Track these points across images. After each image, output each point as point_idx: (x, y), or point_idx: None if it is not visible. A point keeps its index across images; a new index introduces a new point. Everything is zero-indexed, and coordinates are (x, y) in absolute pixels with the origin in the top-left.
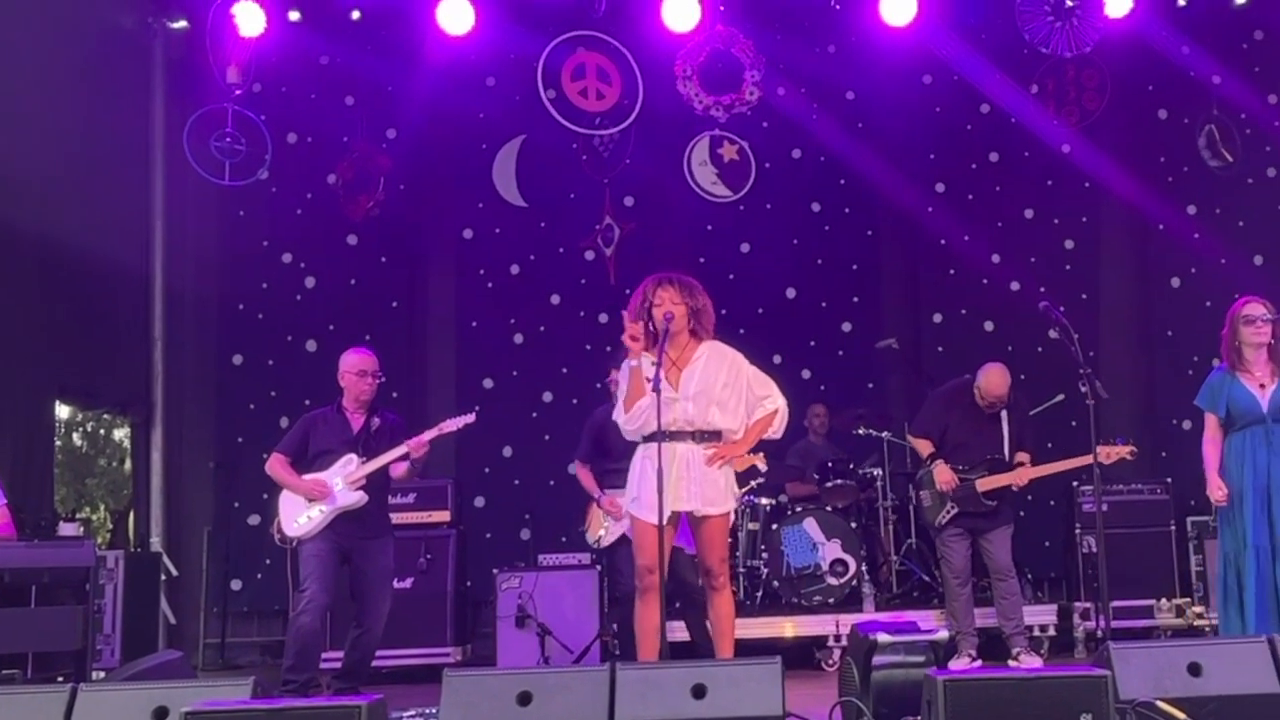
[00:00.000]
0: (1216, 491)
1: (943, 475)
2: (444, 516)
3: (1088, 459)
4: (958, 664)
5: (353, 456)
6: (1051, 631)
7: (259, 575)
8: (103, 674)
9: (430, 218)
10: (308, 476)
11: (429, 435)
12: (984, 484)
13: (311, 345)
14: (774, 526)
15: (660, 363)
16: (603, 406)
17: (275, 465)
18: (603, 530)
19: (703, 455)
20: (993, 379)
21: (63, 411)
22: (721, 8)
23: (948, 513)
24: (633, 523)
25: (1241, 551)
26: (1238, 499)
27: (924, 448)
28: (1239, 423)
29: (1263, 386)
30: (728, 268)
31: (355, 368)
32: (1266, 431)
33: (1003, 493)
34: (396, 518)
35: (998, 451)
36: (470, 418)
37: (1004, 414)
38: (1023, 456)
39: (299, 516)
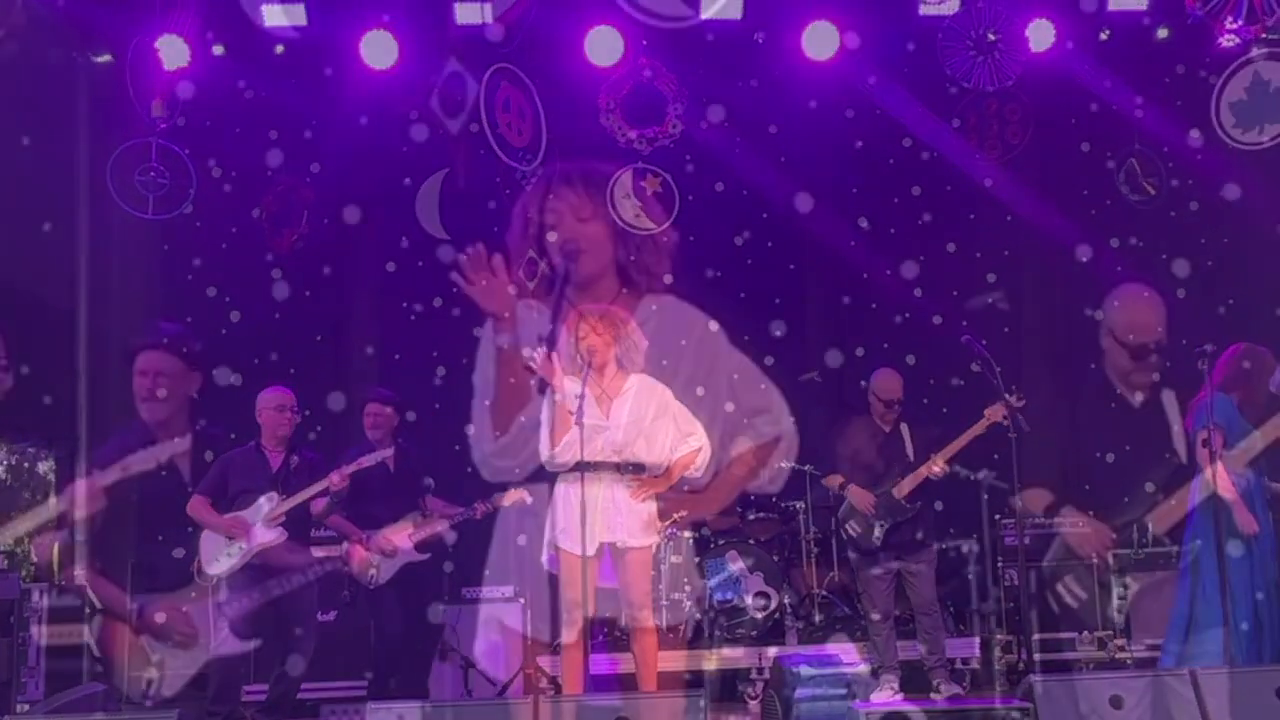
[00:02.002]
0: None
1: (857, 494)
2: None
3: (985, 423)
4: (879, 696)
5: (273, 494)
6: (974, 664)
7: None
8: (27, 707)
9: (354, 251)
10: (227, 516)
11: (348, 469)
12: (901, 489)
13: (236, 379)
14: (697, 559)
15: (584, 395)
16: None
17: (195, 506)
18: (373, 570)
19: (626, 488)
20: (886, 381)
21: None
22: (644, 41)
23: (881, 529)
24: (559, 556)
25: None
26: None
27: (834, 482)
28: None
29: None
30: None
31: (273, 404)
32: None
33: (923, 494)
34: (320, 551)
35: (904, 459)
36: (388, 452)
37: (905, 429)
38: None
39: (219, 555)
